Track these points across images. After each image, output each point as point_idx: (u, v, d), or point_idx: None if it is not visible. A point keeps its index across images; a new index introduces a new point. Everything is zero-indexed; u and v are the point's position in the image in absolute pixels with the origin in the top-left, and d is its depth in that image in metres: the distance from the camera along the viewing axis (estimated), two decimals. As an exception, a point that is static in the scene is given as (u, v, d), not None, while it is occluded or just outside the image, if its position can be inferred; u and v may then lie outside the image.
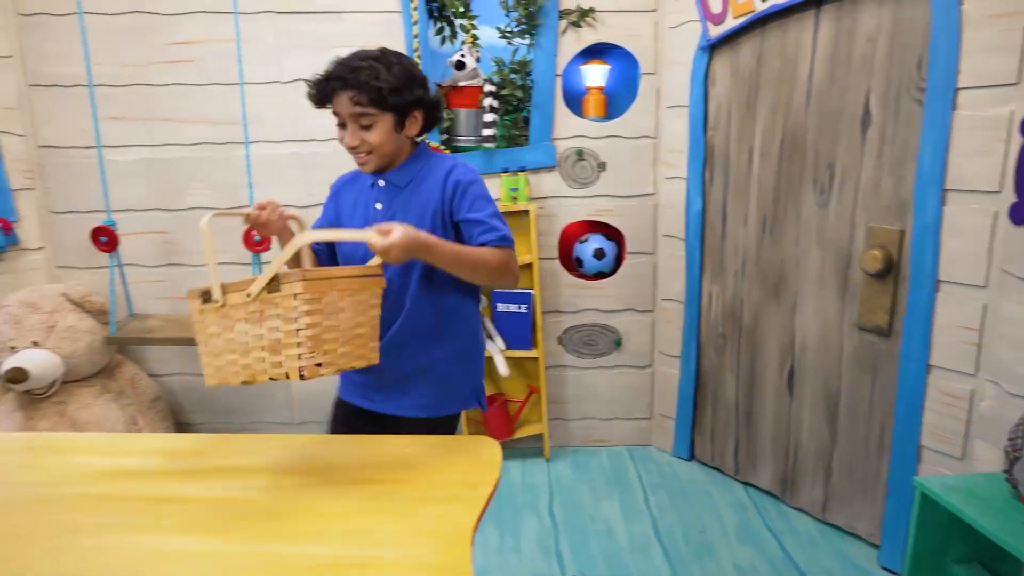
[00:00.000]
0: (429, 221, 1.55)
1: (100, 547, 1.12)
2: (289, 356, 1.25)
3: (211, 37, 2.74)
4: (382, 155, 1.55)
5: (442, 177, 1.56)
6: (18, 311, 2.64)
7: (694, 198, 2.77)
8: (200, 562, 1.08)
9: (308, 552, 1.10)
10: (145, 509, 1.22)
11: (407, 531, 1.16)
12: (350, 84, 1.47)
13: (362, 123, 1.51)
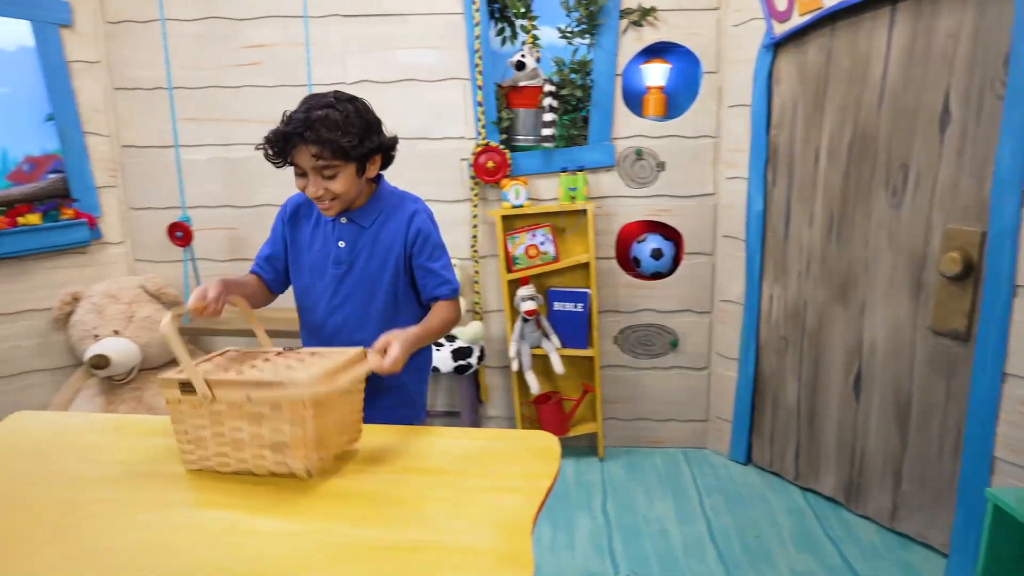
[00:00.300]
0: (392, 264, 1.61)
1: (184, 522, 1.19)
2: (295, 456, 1.28)
3: (280, 41, 2.85)
4: (346, 201, 1.55)
5: (405, 221, 1.61)
6: (101, 301, 2.79)
7: (755, 198, 2.73)
8: (273, 540, 1.13)
9: (374, 535, 1.14)
10: (224, 488, 1.28)
11: (469, 519, 1.19)
12: (310, 140, 1.45)
13: (325, 174, 1.49)
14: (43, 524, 1.18)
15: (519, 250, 2.83)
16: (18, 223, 2.77)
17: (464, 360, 2.76)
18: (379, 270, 1.61)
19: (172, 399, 1.31)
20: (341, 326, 1.63)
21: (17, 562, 1.08)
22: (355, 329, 1.62)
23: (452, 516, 1.20)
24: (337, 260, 1.60)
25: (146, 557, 1.09)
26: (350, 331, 1.63)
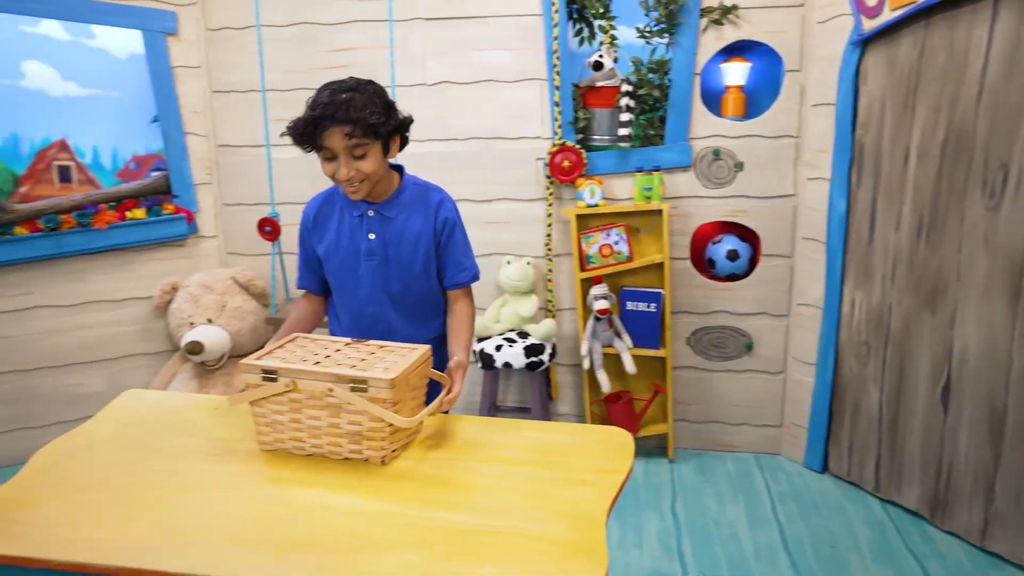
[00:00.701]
0: (423, 252, 1.69)
1: (269, 496, 1.28)
2: (371, 446, 1.35)
3: (365, 44, 2.96)
4: (373, 182, 1.60)
5: (432, 211, 1.69)
6: (196, 291, 2.98)
7: (838, 200, 2.65)
8: (351, 517, 1.20)
9: (447, 517, 1.20)
10: (302, 468, 1.36)
11: (542, 509, 1.23)
12: (341, 120, 1.50)
13: (355, 154, 1.54)
14: (145, 493, 1.29)
15: (593, 249, 2.85)
16: (126, 217, 2.99)
17: (536, 357, 2.80)
18: (411, 259, 1.67)
19: (252, 384, 1.39)
20: (379, 315, 1.70)
21: (122, 526, 1.19)
22: (392, 317, 1.70)
23: (525, 505, 1.24)
24: (369, 252, 1.66)
25: (235, 528, 1.18)
26: (387, 319, 1.70)
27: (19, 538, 1.15)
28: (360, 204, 1.67)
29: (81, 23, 2.93)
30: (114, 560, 1.09)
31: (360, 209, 1.67)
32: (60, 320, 2.96)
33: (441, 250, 1.71)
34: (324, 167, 1.58)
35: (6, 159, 2.96)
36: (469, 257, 1.76)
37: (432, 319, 1.77)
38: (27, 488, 1.31)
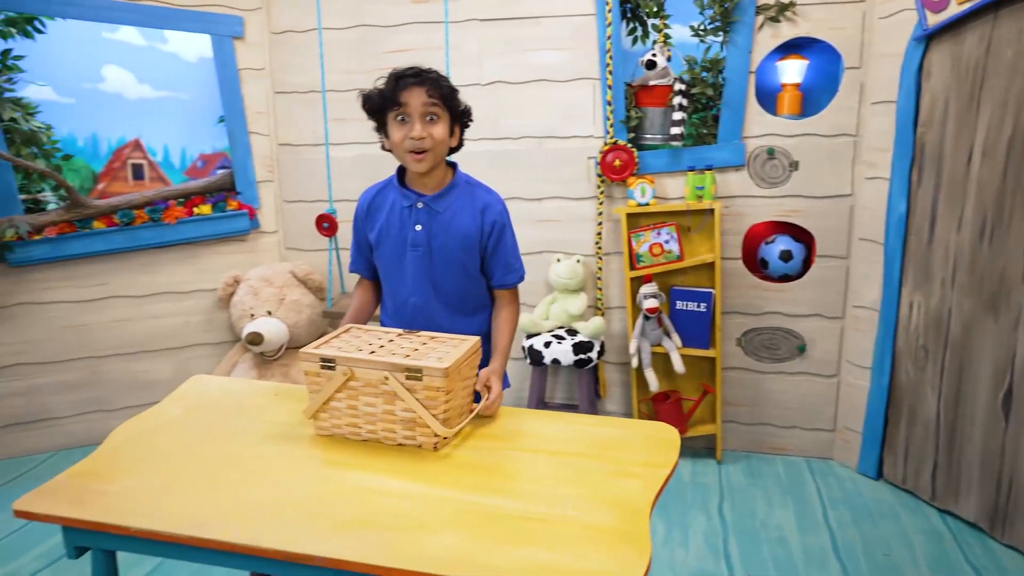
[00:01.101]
0: (467, 249, 1.71)
1: (327, 477, 1.34)
2: (424, 432, 1.40)
3: (422, 45, 3.03)
4: (438, 154, 1.65)
5: (479, 211, 1.72)
6: (257, 284, 3.10)
7: (897, 200, 2.59)
8: (403, 500, 1.25)
9: (497, 503, 1.23)
10: (357, 452, 1.42)
11: (589, 499, 1.25)
12: (425, 81, 1.60)
13: (430, 117, 1.62)
14: (212, 470, 1.37)
15: (643, 248, 2.85)
16: (193, 213, 3.14)
17: (584, 354, 2.81)
18: (454, 253, 1.70)
19: (311, 371, 1.45)
20: (421, 306, 1.74)
21: (191, 500, 1.26)
22: (433, 307, 1.74)
23: (571, 494, 1.27)
24: (414, 243, 1.70)
25: (293, 505, 1.24)
26: (429, 310, 1.74)
27: (99, 507, 1.24)
28: (411, 195, 1.72)
29: (156, 29, 3.09)
30: (184, 530, 1.17)
31: (410, 200, 1.72)
32: (132, 310, 3.13)
33: (490, 252, 1.74)
34: (395, 133, 1.64)
35: (86, 158, 3.14)
36: (517, 259, 1.80)
37: (475, 315, 1.80)
38: (105, 463, 1.40)
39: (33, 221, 2.90)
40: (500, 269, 1.77)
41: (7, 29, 2.90)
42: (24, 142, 2.91)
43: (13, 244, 2.85)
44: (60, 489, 1.30)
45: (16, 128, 2.86)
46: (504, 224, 1.75)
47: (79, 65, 3.07)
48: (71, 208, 2.97)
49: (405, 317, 1.77)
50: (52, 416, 3.07)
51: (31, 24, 2.93)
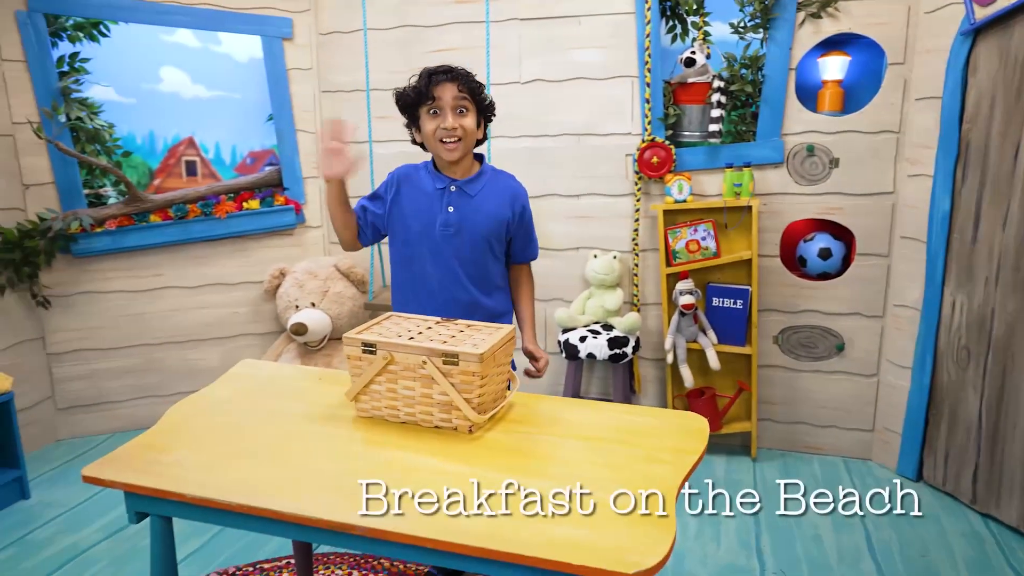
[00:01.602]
0: (495, 230, 1.84)
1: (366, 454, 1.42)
2: (459, 416, 1.46)
3: (464, 44, 3.09)
4: (468, 144, 1.79)
5: (508, 196, 1.86)
6: (302, 277, 3.21)
7: (941, 198, 2.55)
8: (438, 475, 1.31)
9: (534, 484, 1.28)
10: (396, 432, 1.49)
11: (619, 481, 1.29)
12: (455, 77, 1.75)
13: (461, 109, 1.75)
14: (265, 447, 1.45)
15: (679, 244, 2.87)
16: (243, 207, 3.26)
17: (619, 349, 2.84)
18: (483, 234, 1.82)
19: (354, 355, 1.53)
20: (445, 281, 1.84)
21: (241, 472, 1.35)
22: (456, 282, 1.84)
23: (601, 476, 1.31)
24: (445, 223, 1.81)
25: (335, 479, 1.32)
26: (451, 285, 1.84)
27: (158, 476, 1.33)
28: (444, 178, 1.82)
29: (210, 31, 3.23)
30: (234, 498, 1.25)
31: (443, 183, 1.82)
32: (184, 300, 3.28)
33: (515, 231, 1.90)
34: (427, 125, 1.77)
35: (143, 155, 3.30)
36: (535, 238, 1.98)
37: (493, 294, 1.91)
38: (163, 437, 1.50)
39: (95, 214, 3.06)
40: (522, 247, 1.94)
41: (76, 34, 3.06)
42: (88, 140, 3.07)
43: (77, 236, 3.01)
44: (123, 459, 1.40)
45: (82, 127, 3.03)
46: (528, 209, 1.92)
47: (139, 67, 3.22)
48: (130, 202, 3.12)
49: (430, 293, 1.85)
50: (110, 400, 3.24)
51: (97, 28, 3.09)
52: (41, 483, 2.80)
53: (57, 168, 3.01)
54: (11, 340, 2.97)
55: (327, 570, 2.20)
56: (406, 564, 2.24)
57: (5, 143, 2.93)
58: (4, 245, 2.87)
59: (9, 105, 2.93)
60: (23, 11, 2.89)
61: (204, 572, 2.22)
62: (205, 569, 2.23)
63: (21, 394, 2.93)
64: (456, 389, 1.45)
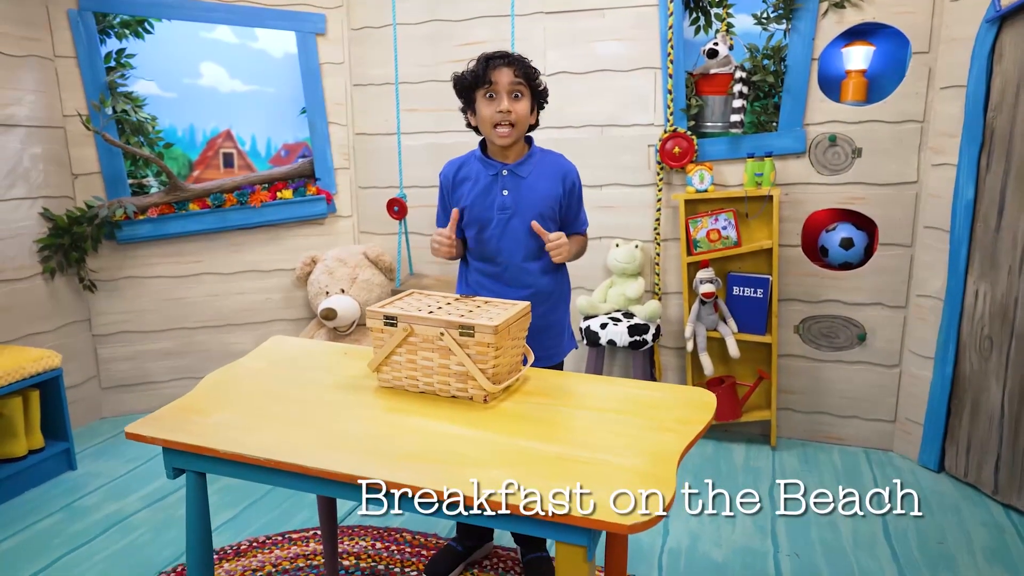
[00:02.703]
0: (549, 208, 1.92)
1: (389, 420, 1.49)
2: (475, 385, 1.53)
3: (491, 38, 3.16)
4: (521, 129, 1.86)
5: (560, 174, 1.94)
6: (332, 264, 3.33)
7: (965, 186, 2.55)
8: (455, 440, 1.39)
9: (540, 447, 1.35)
10: (415, 401, 1.57)
11: (624, 447, 1.35)
12: (512, 62, 1.84)
13: (516, 94, 1.83)
14: (293, 411, 1.54)
15: (700, 234, 2.90)
16: (276, 197, 3.39)
17: (639, 336, 2.89)
18: (538, 212, 1.90)
19: (376, 328, 1.61)
20: (509, 260, 1.93)
21: (272, 432, 1.44)
22: (521, 260, 1.92)
23: (610, 443, 1.37)
24: (502, 207, 1.89)
25: (358, 441, 1.40)
26: (518, 262, 1.93)
27: (195, 434, 1.43)
28: (495, 164, 1.91)
29: (248, 27, 3.36)
30: (266, 454, 1.34)
31: (495, 169, 1.91)
32: (221, 285, 3.42)
33: (567, 206, 1.98)
34: (484, 109, 1.85)
35: (184, 147, 3.44)
36: (583, 210, 2.07)
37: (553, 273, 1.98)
38: (200, 400, 1.60)
39: (138, 203, 3.21)
40: (575, 220, 2.02)
41: (122, 31, 3.22)
42: (133, 132, 3.22)
43: (122, 223, 3.17)
44: (163, 419, 1.51)
45: (127, 119, 3.18)
46: (578, 184, 2.00)
47: (180, 62, 3.37)
48: (171, 191, 3.27)
49: (495, 271, 1.95)
50: (151, 380, 3.39)
51: (142, 26, 3.24)
52: (87, 456, 2.96)
53: (104, 158, 3.17)
54: (60, 321, 3.13)
55: (351, 541, 2.30)
56: (427, 536, 2.33)
57: (57, 135, 3.10)
58: (54, 231, 3.04)
59: (61, 99, 3.10)
60: (74, 10, 3.05)
61: (236, 539, 2.33)
62: (237, 537, 2.35)
63: (69, 372, 3.10)
64: (472, 360, 1.52)
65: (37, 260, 3.03)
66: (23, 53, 2.94)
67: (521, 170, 1.90)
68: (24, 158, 2.96)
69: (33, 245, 3.00)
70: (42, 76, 3.02)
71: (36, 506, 2.57)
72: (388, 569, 2.16)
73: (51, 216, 3.04)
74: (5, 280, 2.91)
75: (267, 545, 2.29)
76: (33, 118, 2.99)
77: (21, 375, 2.59)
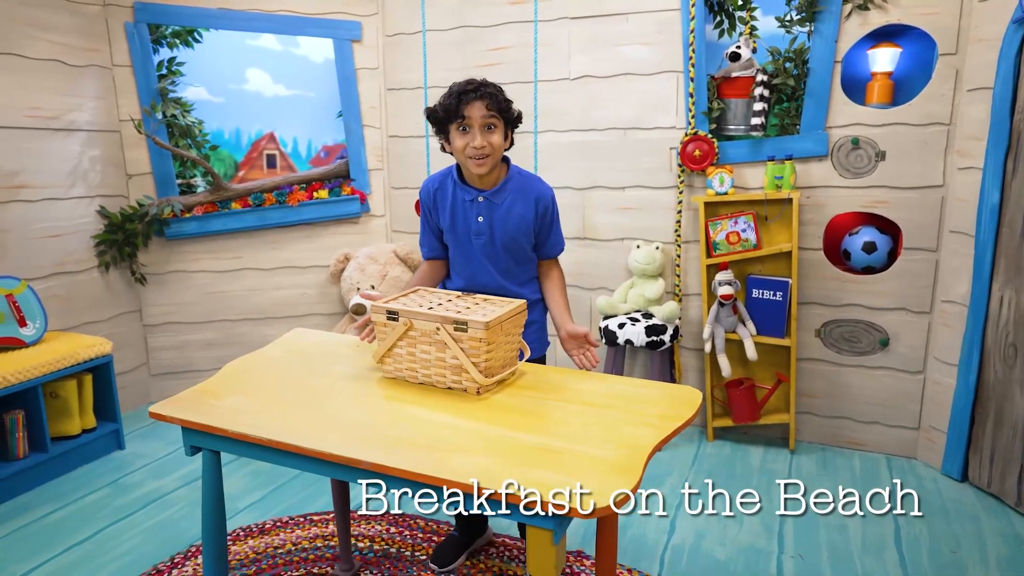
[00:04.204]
0: (523, 233, 1.94)
1: (388, 408, 1.60)
2: (468, 378, 1.62)
3: (517, 43, 3.25)
4: (496, 158, 1.87)
5: (533, 201, 1.94)
6: (364, 262, 3.47)
7: (991, 190, 2.50)
8: (445, 428, 1.48)
9: (522, 437, 1.43)
10: (413, 391, 1.67)
11: (601, 439, 1.42)
12: (485, 95, 1.81)
13: (489, 126, 1.83)
14: (302, 397, 1.66)
15: (720, 236, 2.92)
16: (313, 196, 3.56)
17: (656, 336, 2.93)
18: (512, 239, 1.93)
19: (380, 322, 1.71)
20: (486, 280, 1.98)
21: (281, 416, 1.56)
22: (498, 280, 1.98)
23: (588, 435, 1.44)
24: (478, 232, 1.93)
25: (359, 427, 1.51)
26: (495, 282, 1.98)
27: (209, 415, 1.56)
28: (471, 190, 1.94)
29: (290, 35, 3.53)
30: (268, 435, 1.46)
31: (471, 195, 1.94)
32: (260, 281, 3.60)
33: (542, 230, 1.99)
34: (457, 141, 1.86)
35: (230, 149, 3.64)
36: (561, 234, 2.07)
37: (527, 285, 2.04)
38: (219, 386, 1.74)
39: (185, 201, 3.42)
40: (550, 243, 2.03)
41: (173, 40, 3.44)
42: (181, 135, 3.44)
43: (170, 220, 3.38)
44: (184, 401, 1.65)
45: (176, 123, 3.39)
46: (554, 209, 2.01)
47: (228, 69, 3.57)
48: (214, 191, 3.47)
49: (471, 288, 2.01)
50: (195, 369, 3.61)
51: (192, 35, 3.45)
52: (135, 437, 3.18)
53: (155, 160, 3.39)
54: (113, 311, 3.37)
55: (368, 525, 2.42)
56: (438, 523, 2.43)
57: (113, 138, 3.33)
58: (109, 227, 3.27)
59: (118, 105, 3.33)
60: (130, 22, 3.28)
61: (262, 518, 2.49)
62: (263, 516, 2.50)
63: (121, 359, 3.34)
64: (465, 354, 1.61)
65: (94, 254, 3.27)
66: (85, 63, 3.18)
67: (497, 197, 1.92)
68: (84, 160, 3.20)
69: (90, 240, 3.24)
70: (101, 84, 3.26)
71: (86, 481, 2.79)
72: (400, 552, 2.27)
73: (107, 214, 3.27)
74: (66, 272, 3.15)
75: (289, 525, 2.43)
76: (92, 123, 3.23)
77: (75, 360, 2.82)
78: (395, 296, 1.79)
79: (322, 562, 2.22)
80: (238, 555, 2.26)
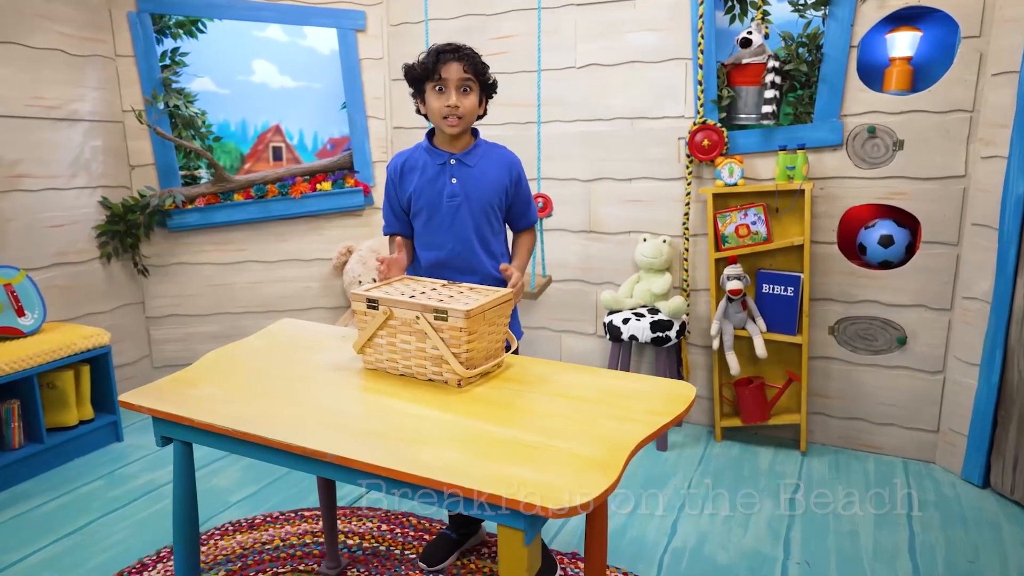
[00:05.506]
0: (496, 197, 1.95)
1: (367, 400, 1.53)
2: (449, 369, 1.55)
3: (522, 31, 3.18)
4: (468, 121, 1.88)
5: (506, 164, 1.96)
6: (366, 255, 3.42)
7: (1016, 181, 2.36)
8: (423, 421, 1.41)
9: (501, 431, 1.35)
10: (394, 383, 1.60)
11: (585, 435, 1.34)
12: (462, 56, 1.83)
13: (464, 88, 1.83)
14: (279, 388, 1.60)
15: (729, 229, 2.81)
16: (316, 188, 3.51)
17: (662, 332, 2.83)
18: (486, 201, 1.92)
19: (360, 311, 1.65)
20: (457, 247, 1.94)
21: (256, 407, 1.50)
22: (469, 247, 1.93)
23: (570, 430, 1.36)
24: (451, 195, 1.91)
25: (334, 418, 1.44)
26: (465, 253, 1.94)
27: (179, 405, 1.51)
28: (443, 153, 1.92)
29: (295, 26, 3.49)
30: (235, 426, 1.40)
31: (443, 158, 1.92)
32: (264, 273, 3.57)
33: (513, 196, 1.99)
34: (433, 102, 1.86)
35: (236, 141, 3.62)
36: (533, 206, 2.07)
37: (500, 257, 2.02)
38: (196, 375, 1.69)
39: (187, 192, 3.40)
40: (522, 212, 2.03)
41: (176, 31, 3.42)
42: (184, 126, 3.41)
43: (172, 212, 3.36)
44: (157, 390, 1.60)
45: (179, 114, 3.37)
46: (523, 175, 2.02)
47: (234, 60, 3.54)
48: (216, 182, 3.44)
49: (442, 259, 1.95)
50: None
51: (196, 25, 3.43)
52: (133, 430, 3.17)
53: (157, 150, 3.37)
54: (115, 303, 3.36)
55: (359, 522, 2.36)
56: (432, 522, 2.36)
57: (116, 128, 3.32)
58: (111, 218, 3.26)
59: (121, 95, 3.32)
60: (133, 12, 3.26)
61: (252, 513, 2.44)
62: (254, 512, 2.46)
63: (123, 351, 3.32)
64: (445, 344, 1.54)
65: (95, 245, 3.25)
66: (87, 53, 3.17)
67: (468, 159, 1.92)
68: (86, 150, 3.19)
69: (92, 231, 3.23)
70: (104, 74, 3.24)
71: (82, 472, 2.77)
72: (388, 551, 2.21)
73: (108, 204, 3.26)
74: (68, 263, 3.14)
75: (279, 521, 2.38)
76: (95, 113, 3.22)
77: (72, 350, 2.80)
78: (378, 284, 1.73)
79: (309, 559, 2.17)
80: (224, 550, 2.21)
